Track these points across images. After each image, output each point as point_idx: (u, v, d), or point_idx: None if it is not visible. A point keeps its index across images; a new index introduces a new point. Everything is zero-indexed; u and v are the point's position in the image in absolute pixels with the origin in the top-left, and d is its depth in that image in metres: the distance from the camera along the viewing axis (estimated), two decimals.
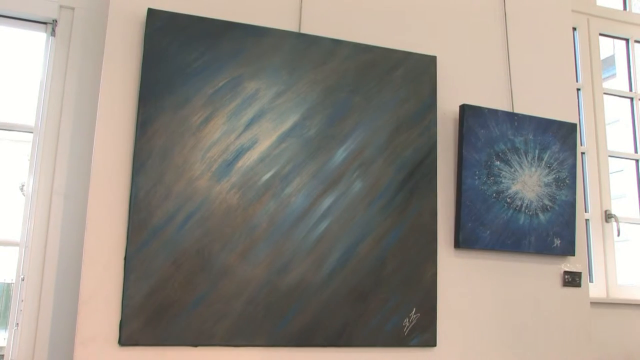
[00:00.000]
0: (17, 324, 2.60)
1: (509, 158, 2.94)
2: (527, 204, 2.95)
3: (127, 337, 2.27)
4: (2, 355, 2.65)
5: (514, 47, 3.20)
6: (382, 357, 2.61)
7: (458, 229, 2.83)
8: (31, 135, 2.79)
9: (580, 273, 3.07)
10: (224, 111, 2.48)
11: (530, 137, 3.00)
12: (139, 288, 2.29)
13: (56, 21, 2.84)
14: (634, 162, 3.99)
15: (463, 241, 2.81)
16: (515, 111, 3.08)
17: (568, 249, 3.01)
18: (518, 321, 2.93)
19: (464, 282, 2.86)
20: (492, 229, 2.86)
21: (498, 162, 2.92)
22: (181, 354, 2.34)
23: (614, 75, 4.23)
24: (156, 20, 2.46)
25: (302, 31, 2.74)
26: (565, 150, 3.06)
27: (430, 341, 2.67)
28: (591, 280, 3.59)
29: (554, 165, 3.04)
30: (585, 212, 3.59)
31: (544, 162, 3.02)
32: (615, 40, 4.17)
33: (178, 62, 2.46)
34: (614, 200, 3.78)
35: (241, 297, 2.41)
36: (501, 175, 2.92)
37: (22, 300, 2.61)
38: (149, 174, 2.35)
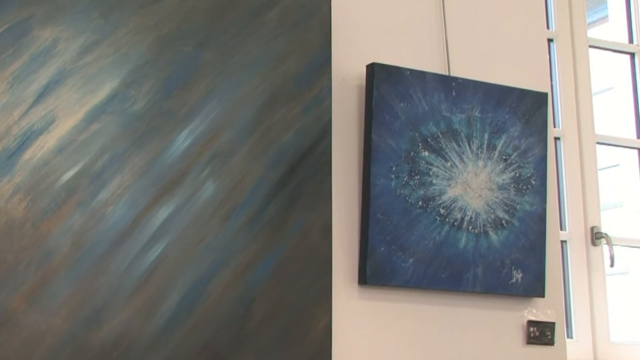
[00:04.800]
0: None
1: (444, 146, 3.23)
2: (471, 218, 3.25)
3: None
4: None
5: None
6: None
7: (365, 256, 3.10)
8: None
9: (554, 324, 3.38)
10: (2, 74, 2.73)
11: (477, 114, 3.30)
12: None
13: None
14: (635, 152, 4.24)
15: (372, 275, 3.10)
16: (453, 74, 3.37)
17: (534, 287, 3.32)
18: None
19: (374, 336, 3.12)
20: (418, 256, 3.15)
21: (426, 153, 3.21)
22: None
23: (604, 19, 4.47)
24: None
25: None
26: (530, 135, 3.38)
27: None
28: (570, 335, 3.86)
29: (512, 157, 3.34)
30: (561, 229, 3.83)
31: (497, 153, 3.31)
32: None
33: None
34: (604, 211, 4.02)
35: None
36: (431, 172, 3.21)
37: None
38: None
